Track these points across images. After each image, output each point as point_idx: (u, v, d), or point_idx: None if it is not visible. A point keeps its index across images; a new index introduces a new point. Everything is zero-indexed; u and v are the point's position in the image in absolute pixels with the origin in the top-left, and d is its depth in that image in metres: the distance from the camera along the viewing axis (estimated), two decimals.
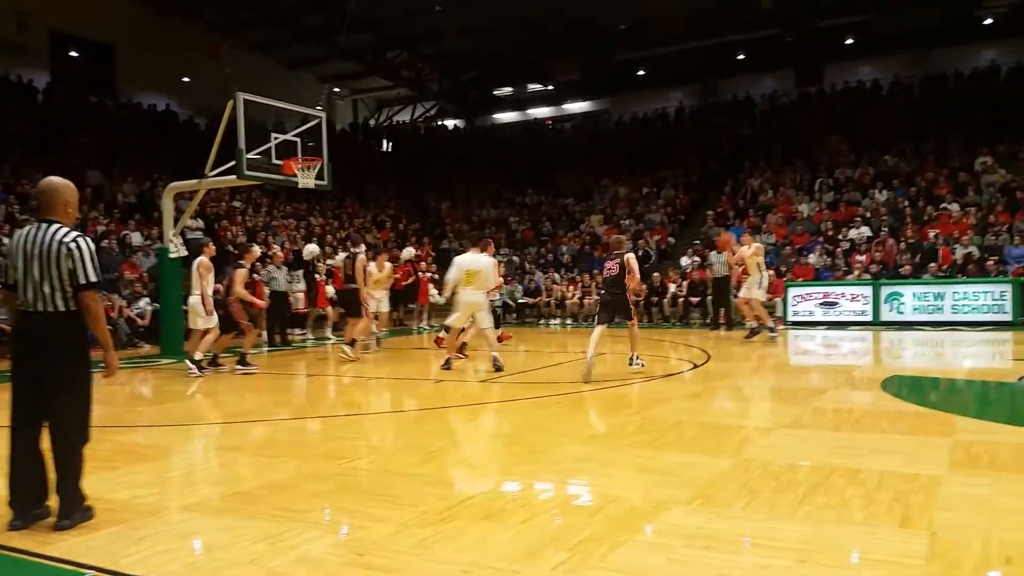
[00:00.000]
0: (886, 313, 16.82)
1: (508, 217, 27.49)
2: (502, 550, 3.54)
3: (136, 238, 17.89)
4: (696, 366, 10.48)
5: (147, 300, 15.53)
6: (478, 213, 28.46)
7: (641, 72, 32.34)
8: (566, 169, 29.09)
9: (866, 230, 19.83)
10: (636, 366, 9.77)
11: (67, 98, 23.57)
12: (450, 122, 38.22)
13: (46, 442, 4.04)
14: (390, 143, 36.07)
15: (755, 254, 13.49)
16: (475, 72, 33.49)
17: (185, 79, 27.70)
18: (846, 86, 28.65)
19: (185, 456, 6.02)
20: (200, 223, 19.00)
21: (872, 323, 16.75)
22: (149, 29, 24.96)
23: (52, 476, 4.03)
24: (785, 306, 17.59)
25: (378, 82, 33.29)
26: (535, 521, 3.96)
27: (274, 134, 12.96)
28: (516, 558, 3.44)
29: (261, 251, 14.99)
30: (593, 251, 23.11)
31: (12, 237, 4.21)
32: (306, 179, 13.05)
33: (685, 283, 19.00)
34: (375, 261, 13.45)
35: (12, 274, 4.09)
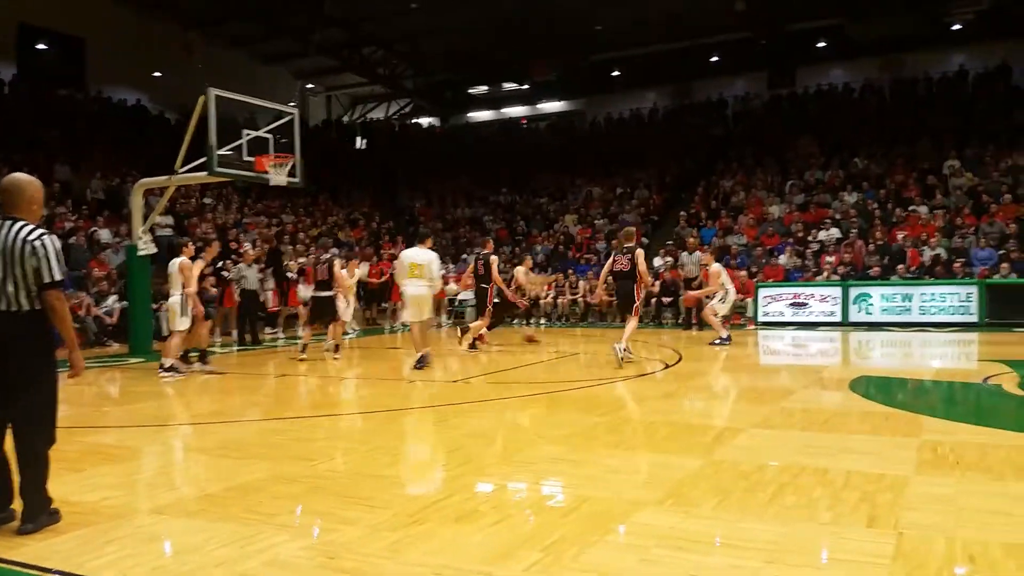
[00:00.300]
0: (855, 314, 17.06)
1: (483, 216, 27.47)
2: (474, 552, 3.54)
3: (105, 235, 17.62)
4: (668, 366, 10.55)
5: (115, 298, 15.31)
6: (452, 211, 28.40)
7: (616, 73, 32.48)
8: (541, 169, 29.13)
9: (836, 232, 20.09)
10: (621, 355, 10.10)
11: (34, 92, 23.16)
12: (425, 120, 38.07)
13: (10, 444, 3.96)
14: (364, 140, 35.86)
15: (716, 276, 13.87)
16: (450, 70, 33.39)
17: (156, 73, 27.40)
18: (818, 89, 28.98)
19: (154, 458, 5.94)
20: (170, 220, 18.75)
21: (841, 324, 16.97)
22: (120, 23, 24.67)
23: (17, 479, 3.96)
24: (756, 306, 17.78)
25: (352, 79, 33.07)
26: (507, 522, 3.96)
27: (246, 130, 12.75)
28: (488, 560, 3.43)
29: (235, 248, 14.84)
30: (567, 251, 23.17)
31: None
32: (278, 176, 12.91)
33: (657, 283, 19.08)
34: (346, 267, 13.51)
35: None
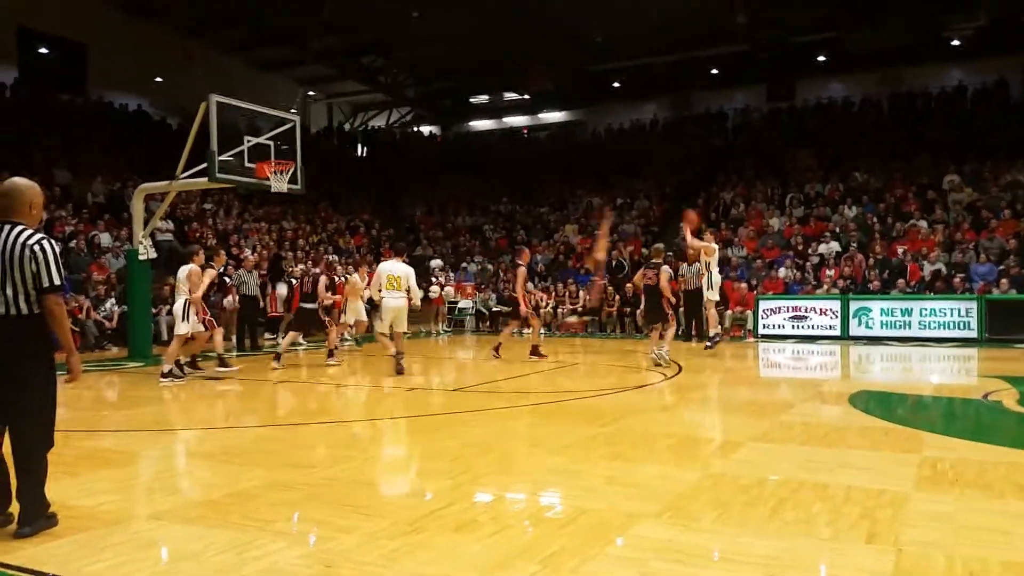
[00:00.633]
0: (854, 328, 17.04)
1: (483, 225, 27.47)
2: (472, 562, 3.52)
3: (105, 239, 17.63)
4: (668, 378, 10.54)
5: (113, 301, 15.30)
6: (453, 220, 28.41)
7: (616, 84, 32.54)
8: (541, 178, 29.14)
9: (835, 245, 20.09)
10: (655, 356, 11.55)
11: (34, 96, 23.18)
12: (426, 128, 38.12)
13: (8, 447, 3.95)
14: (365, 148, 35.90)
15: (708, 254, 13.78)
16: (451, 79, 33.45)
17: (158, 79, 27.42)
18: (817, 102, 29.05)
19: (152, 463, 5.91)
20: (170, 225, 18.77)
21: (840, 337, 16.95)
22: (122, 28, 24.70)
23: (15, 482, 3.95)
24: (756, 319, 17.76)
25: (354, 86, 33.11)
26: (506, 533, 3.94)
27: (247, 137, 12.76)
28: (486, 570, 3.42)
29: (235, 254, 14.90)
30: (567, 261, 23.15)
31: None
32: (279, 183, 12.92)
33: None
34: (357, 272, 13.83)
35: None
